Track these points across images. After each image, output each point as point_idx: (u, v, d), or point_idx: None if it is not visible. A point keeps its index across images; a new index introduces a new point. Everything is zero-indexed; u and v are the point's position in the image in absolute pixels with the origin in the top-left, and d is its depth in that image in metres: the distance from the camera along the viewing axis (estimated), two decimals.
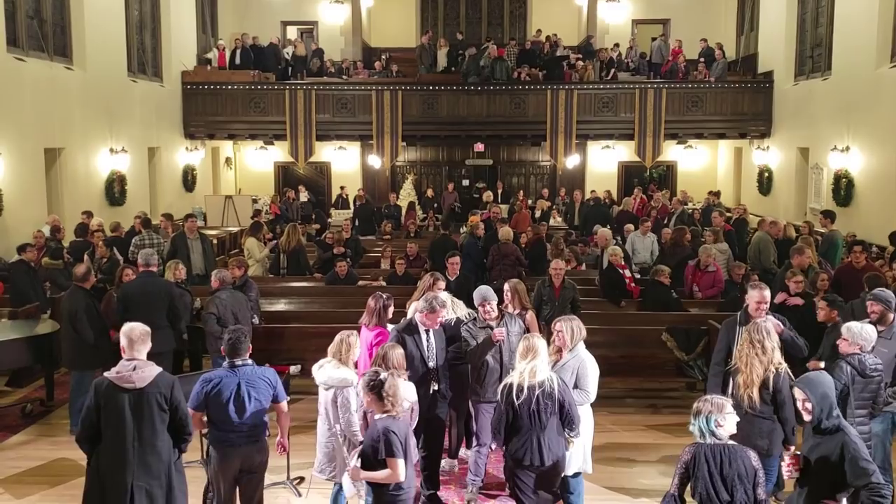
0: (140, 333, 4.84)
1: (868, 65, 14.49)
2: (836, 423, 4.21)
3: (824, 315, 6.73)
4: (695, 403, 4.24)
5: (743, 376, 5.43)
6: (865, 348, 5.40)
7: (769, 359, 5.35)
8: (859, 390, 5.36)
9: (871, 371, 5.36)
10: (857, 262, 9.06)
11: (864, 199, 14.76)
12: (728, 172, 22.12)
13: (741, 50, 21.35)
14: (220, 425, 5.08)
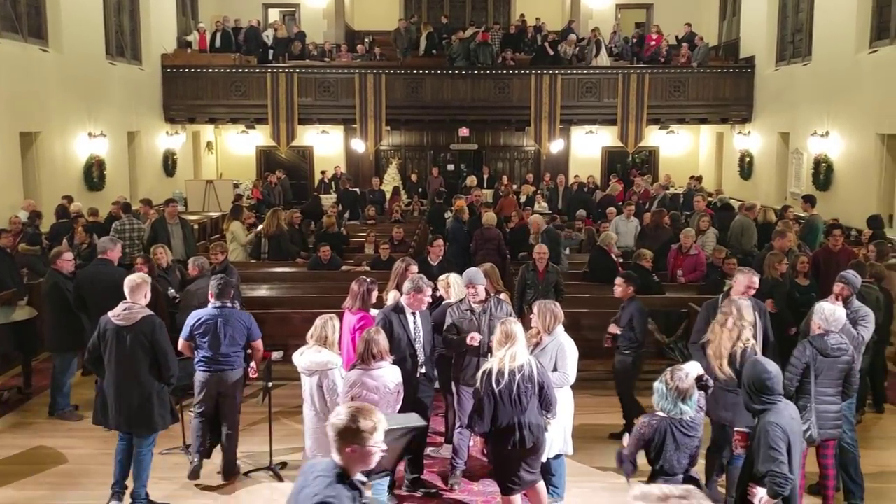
0: (136, 283, 5.81)
1: (847, 50, 14.59)
2: (762, 408, 4.27)
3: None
4: (678, 381, 4.27)
5: (713, 348, 5.65)
6: (831, 329, 5.49)
7: (737, 334, 5.51)
8: (825, 370, 5.46)
9: (834, 351, 5.44)
10: (835, 245, 9.18)
11: (843, 183, 14.90)
12: (710, 157, 22.23)
13: (723, 35, 21.40)
14: (202, 353, 6.17)
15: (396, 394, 5.41)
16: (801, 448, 4.31)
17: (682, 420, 4.19)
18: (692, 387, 4.22)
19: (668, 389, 4.22)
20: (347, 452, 3.11)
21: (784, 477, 4.04)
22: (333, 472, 3.11)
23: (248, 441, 7.02)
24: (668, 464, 4.19)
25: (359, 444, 3.10)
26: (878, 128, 13.74)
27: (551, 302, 6.02)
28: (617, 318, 7.10)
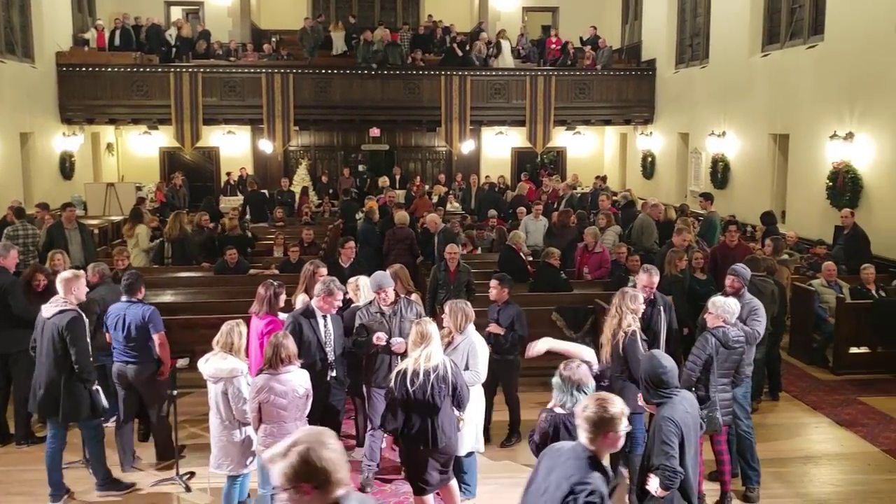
0: (66, 278, 6.07)
1: (741, 54, 15.28)
2: (658, 402, 4.42)
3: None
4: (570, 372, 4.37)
5: (603, 336, 5.95)
6: (729, 321, 5.75)
7: (618, 321, 5.79)
8: (722, 360, 5.72)
9: (734, 343, 5.71)
10: (731, 241, 9.59)
11: (739, 181, 15.60)
12: (615, 157, 22.88)
13: (626, 39, 22.06)
14: (114, 345, 6.50)
15: (305, 398, 5.33)
16: (696, 439, 4.45)
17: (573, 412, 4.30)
18: (586, 376, 4.33)
19: (563, 381, 4.32)
20: (607, 439, 3.45)
21: (673, 471, 4.18)
22: (586, 456, 3.44)
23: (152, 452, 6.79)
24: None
25: (613, 431, 3.45)
26: (770, 128, 14.44)
27: (462, 301, 6.07)
28: (496, 318, 7.05)
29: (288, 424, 5.23)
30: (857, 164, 11.78)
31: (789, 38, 14.17)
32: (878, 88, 11.35)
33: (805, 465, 6.85)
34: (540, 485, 3.53)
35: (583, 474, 3.35)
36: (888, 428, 7.55)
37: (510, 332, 6.88)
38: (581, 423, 3.48)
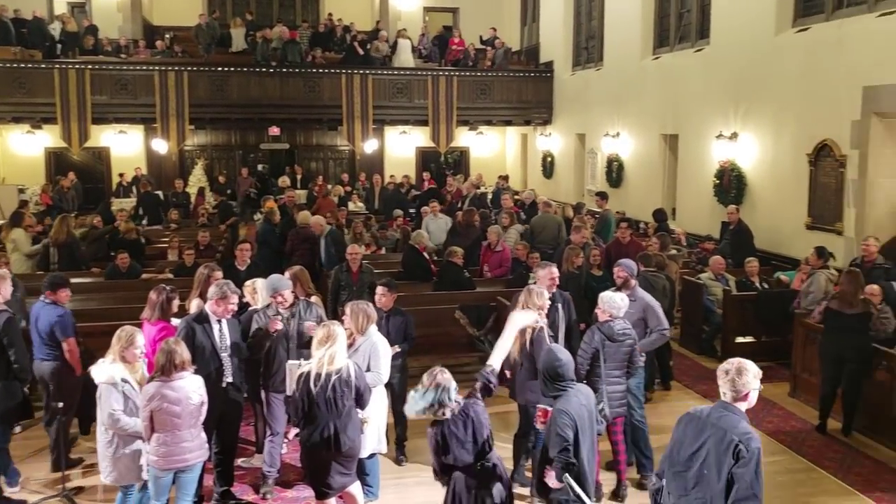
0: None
1: (633, 56, 15.82)
2: (554, 395, 4.51)
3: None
4: (432, 377, 4.40)
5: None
6: (616, 315, 5.94)
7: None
8: (612, 353, 5.91)
9: (620, 335, 5.90)
10: (623, 237, 9.95)
11: (633, 180, 16.15)
12: (516, 157, 23.28)
13: (525, 40, 22.48)
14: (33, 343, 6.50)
15: (200, 405, 5.18)
16: (592, 431, 4.55)
17: (461, 411, 4.35)
18: (447, 380, 4.39)
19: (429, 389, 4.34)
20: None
21: (567, 462, 4.28)
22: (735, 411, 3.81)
23: (37, 467, 6.47)
24: (454, 457, 4.35)
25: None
26: (661, 129, 15.01)
27: (364, 302, 6.03)
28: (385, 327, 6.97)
29: (182, 433, 5.08)
30: (742, 162, 12.39)
31: (678, 41, 14.77)
32: (760, 90, 11.97)
33: None
34: (688, 446, 3.84)
35: (741, 428, 3.72)
36: (770, 413, 7.98)
37: (405, 343, 6.66)
38: (724, 379, 3.84)
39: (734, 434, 3.67)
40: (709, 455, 3.73)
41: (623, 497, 6.17)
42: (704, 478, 3.75)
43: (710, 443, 3.74)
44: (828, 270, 8.99)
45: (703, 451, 3.76)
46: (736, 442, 3.66)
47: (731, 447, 3.65)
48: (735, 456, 3.65)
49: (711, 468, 3.72)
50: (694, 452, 3.80)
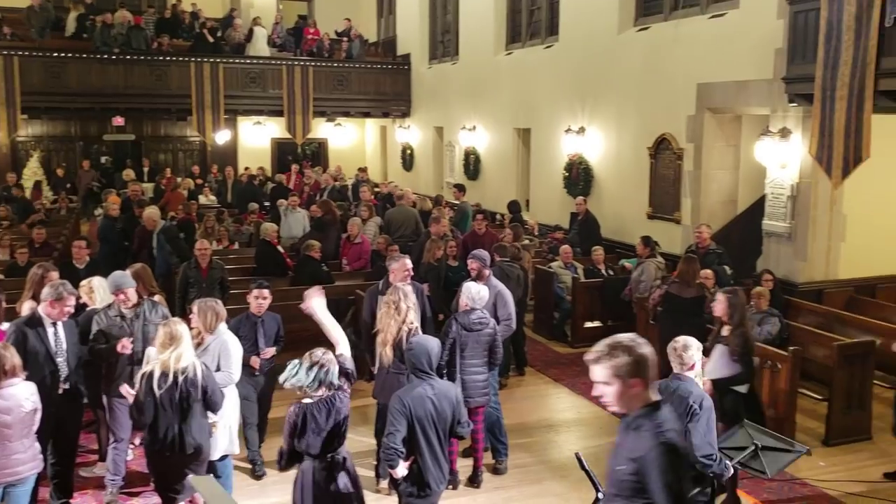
0: None
1: (487, 51, 16.15)
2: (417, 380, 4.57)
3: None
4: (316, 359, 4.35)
5: (381, 336, 5.84)
6: (475, 305, 6.06)
7: (403, 318, 5.78)
8: (470, 343, 6.01)
9: (477, 325, 6.02)
10: (479, 229, 10.16)
11: (489, 172, 16.51)
12: (375, 149, 23.24)
13: (382, 32, 22.43)
14: None
15: (33, 413, 4.82)
16: (439, 424, 4.53)
17: (327, 398, 4.32)
18: (330, 362, 4.35)
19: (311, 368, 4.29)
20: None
21: (390, 448, 4.33)
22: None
23: None
24: (307, 443, 4.30)
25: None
26: (514, 123, 15.43)
27: (212, 300, 5.82)
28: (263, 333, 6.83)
29: (14, 444, 4.72)
30: (589, 156, 12.95)
31: (529, 37, 15.22)
32: (605, 86, 12.55)
33: (548, 433, 7.43)
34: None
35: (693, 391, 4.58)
36: None
37: (277, 345, 6.50)
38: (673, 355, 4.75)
39: (690, 399, 4.50)
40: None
41: (479, 483, 6.31)
42: None
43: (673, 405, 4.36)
44: (656, 259, 9.57)
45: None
46: (690, 404, 4.48)
47: (688, 409, 4.45)
48: (689, 415, 4.43)
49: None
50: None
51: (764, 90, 9.41)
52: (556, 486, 6.34)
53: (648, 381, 2.98)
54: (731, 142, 10.73)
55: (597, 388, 3.03)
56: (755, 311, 7.82)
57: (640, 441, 2.92)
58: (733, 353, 5.92)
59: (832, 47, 8.01)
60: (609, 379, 2.98)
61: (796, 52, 8.67)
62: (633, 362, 2.95)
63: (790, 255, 9.32)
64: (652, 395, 3.01)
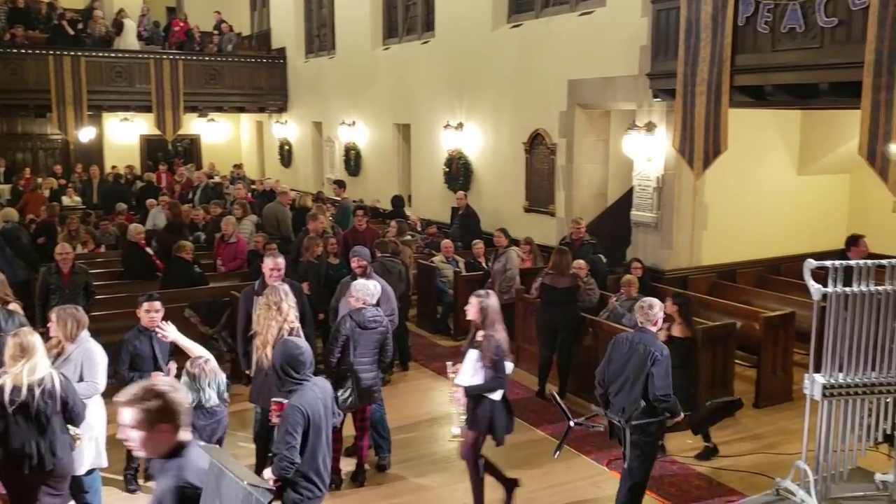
0: None
1: (365, 46, 16.05)
2: (290, 388, 4.40)
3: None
4: (197, 369, 4.21)
5: (261, 338, 5.66)
6: (369, 302, 6.01)
7: (284, 318, 5.64)
8: (363, 341, 5.96)
9: (371, 322, 5.98)
10: (360, 225, 10.07)
11: (371, 168, 16.43)
12: (252, 145, 22.66)
13: (255, 26, 21.88)
14: None
15: None
16: (328, 424, 4.49)
17: (204, 407, 4.17)
18: (213, 370, 4.21)
19: (191, 378, 4.14)
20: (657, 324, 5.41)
21: (291, 461, 4.20)
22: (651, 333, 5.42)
23: None
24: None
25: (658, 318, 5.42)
26: (394, 118, 15.41)
27: (72, 307, 5.49)
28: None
29: None
30: (468, 151, 13.11)
31: (406, 33, 15.22)
32: (481, 82, 12.72)
33: (431, 426, 7.47)
34: (619, 360, 5.33)
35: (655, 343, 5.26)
36: None
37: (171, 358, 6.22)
38: (640, 312, 5.35)
39: (651, 348, 5.19)
40: (633, 364, 5.22)
41: (362, 481, 6.26)
42: (629, 380, 5.24)
43: (634, 356, 5.23)
44: (516, 248, 9.82)
45: (630, 362, 5.25)
46: (652, 351, 5.17)
47: (649, 356, 5.15)
48: (652, 361, 5.14)
49: (636, 373, 5.20)
50: (624, 364, 5.28)
51: (630, 86, 9.80)
52: (440, 478, 6.39)
53: (178, 426, 3.00)
54: (600, 136, 11.12)
55: (122, 431, 3.02)
56: (626, 299, 8.15)
57: (165, 482, 2.99)
58: (486, 359, 5.46)
59: (692, 45, 8.43)
60: (137, 423, 2.96)
61: (659, 49, 9.08)
62: (162, 408, 2.96)
63: (657, 244, 9.77)
64: (182, 438, 3.03)
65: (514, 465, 6.55)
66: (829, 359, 4.95)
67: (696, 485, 6.18)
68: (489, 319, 5.54)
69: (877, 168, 6.81)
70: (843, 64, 7.03)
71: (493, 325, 5.54)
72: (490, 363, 5.47)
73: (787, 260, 10.06)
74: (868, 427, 5.12)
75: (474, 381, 5.53)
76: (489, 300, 5.61)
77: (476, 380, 5.53)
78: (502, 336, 5.57)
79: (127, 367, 5.71)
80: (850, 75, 6.92)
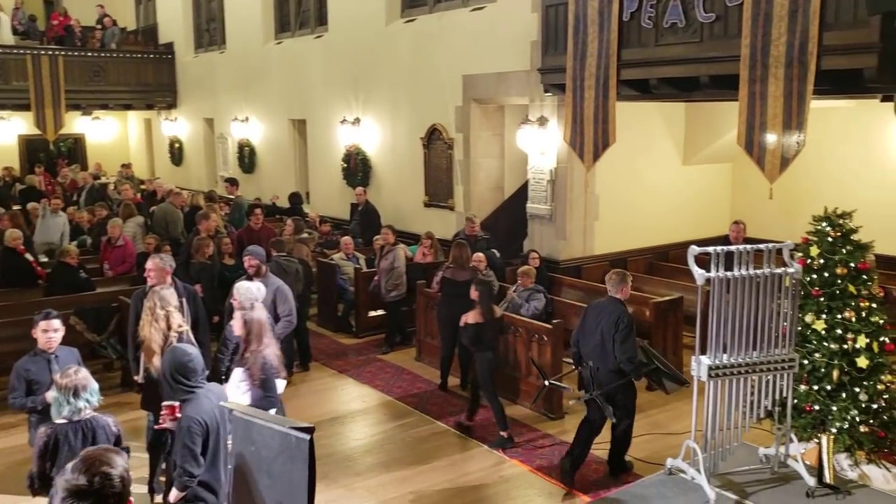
0: None
1: (257, 40, 15.68)
2: (183, 398, 4.25)
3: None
4: (67, 380, 4.00)
5: (147, 345, 5.44)
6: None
7: (167, 324, 5.44)
8: None
9: None
10: (256, 223, 9.85)
11: (266, 165, 16.09)
12: (140, 144, 21.81)
13: (141, 20, 21.03)
14: None
15: None
16: (226, 431, 4.34)
17: (83, 421, 3.97)
18: (84, 379, 4.01)
19: (59, 390, 3.94)
20: (626, 289, 6.16)
21: (191, 475, 4.06)
22: (618, 301, 6.04)
23: None
24: (59, 469, 3.94)
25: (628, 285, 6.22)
26: (289, 113, 15.13)
27: None
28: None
29: None
30: (366, 146, 13.01)
31: (299, 27, 14.96)
32: (377, 77, 12.64)
33: (333, 425, 7.38)
34: (591, 323, 5.95)
35: (621, 309, 5.82)
36: (400, 378, 8.56)
37: None
38: (610, 283, 5.98)
39: (618, 314, 5.76)
40: (603, 327, 5.80)
41: None
42: (600, 343, 5.84)
43: (605, 321, 5.81)
44: (402, 245, 9.87)
45: (600, 326, 5.83)
46: (619, 316, 5.73)
47: (616, 321, 5.71)
48: (616, 326, 5.71)
49: (605, 336, 5.79)
50: (595, 327, 5.87)
51: (522, 81, 9.96)
52: (343, 477, 6.32)
53: None
54: (496, 131, 11.26)
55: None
56: (523, 289, 8.28)
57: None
58: (253, 378, 5.01)
59: (580, 40, 8.64)
60: None
61: (549, 44, 9.25)
62: None
63: (552, 235, 9.98)
64: None
65: (419, 458, 6.58)
66: (713, 341, 5.18)
67: (595, 468, 6.34)
68: (254, 334, 5.09)
69: (754, 157, 7.16)
70: (721, 58, 7.34)
71: (259, 339, 5.08)
72: (258, 382, 5.00)
73: (675, 247, 10.47)
74: (751, 404, 5.40)
75: (243, 400, 4.97)
76: (254, 313, 5.18)
77: (244, 400, 4.98)
78: (271, 352, 5.11)
79: (22, 394, 5.07)
80: (728, 68, 7.23)
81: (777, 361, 5.33)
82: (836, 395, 5.76)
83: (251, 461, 3.35)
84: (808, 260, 5.91)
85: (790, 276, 5.33)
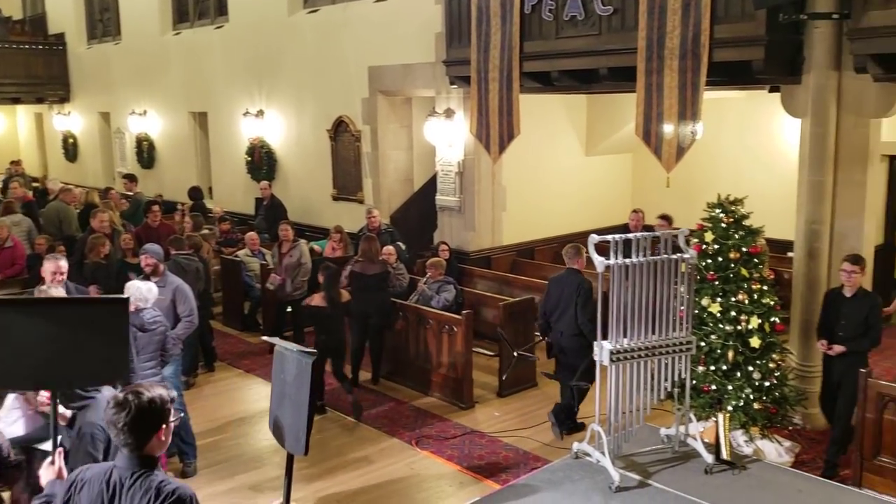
0: None
1: (154, 31, 15.12)
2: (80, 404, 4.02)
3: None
4: None
5: None
6: (144, 305, 5.64)
7: None
8: (144, 344, 5.60)
9: (151, 325, 5.64)
10: (153, 221, 9.51)
11: (166, 159, 15.56)
12: (31, 139, 20.76)
13: (27, 9, 19.98)
14: None
15: None
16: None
17: None
18: None
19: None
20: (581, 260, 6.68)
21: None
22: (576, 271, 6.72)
23: None
24: None
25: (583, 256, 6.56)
26: (189, 106, 14.67)
27: None
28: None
29: None
30: (271, 139, 12.74)
31: (198, 17, 14.50)
32: (281, 69, 12.39)
33: (240, 426, 7.21)
34: (555, 293, 6.64)
35: (580, 278, 6.54)
36: None
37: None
38: (567, 255, 6.71)
39: (578, 281, 6.49)
40: (566, 296, 6.49)
41: None
42: (563, 309, 6.51)
43: (566, 289, 6.53)
44: (306, 242, 9.78)
45: (564, 295, 6.53)
46: (579, 283, 6.47)
47: (577, 287, 6.43)
48: (578, 292, 6.41)
49: (568, 302, 6.48)
50: (559, 296, 6.57)
51: (428, 73, 9.94)
52: (250, 478, 6.18)
53: None
54: (403, 123, 11.21)
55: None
56: (433, 281, 8.28)
57: None
58: (32, 404, 4.44)
59: (483, 32, 8.67)
60: None
61: (453, 36, 9.25)
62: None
63: (461, 227, 10.03)
64: None
65: (329, 455, 6.50)
66: (614, 326, 5.28)
67: (504, 455, 6.42)
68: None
69: (652, 147, 7.36)
70: (619, 50, 7.50)
71: None
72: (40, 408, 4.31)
73: (580, 236, 10.59)
74: (652, 387, 5.54)
75: (14, 431, 4.43)
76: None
77: (15, 429, 4.46)
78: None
79: None
80: (626, 60, 7.40)
81: (675, 344, 5.48)
82: (732, 374, 6.00)
83: (281, 386, 4.15)
84: (703, 245, 6.12)
85: (686, 261, 5.49)
